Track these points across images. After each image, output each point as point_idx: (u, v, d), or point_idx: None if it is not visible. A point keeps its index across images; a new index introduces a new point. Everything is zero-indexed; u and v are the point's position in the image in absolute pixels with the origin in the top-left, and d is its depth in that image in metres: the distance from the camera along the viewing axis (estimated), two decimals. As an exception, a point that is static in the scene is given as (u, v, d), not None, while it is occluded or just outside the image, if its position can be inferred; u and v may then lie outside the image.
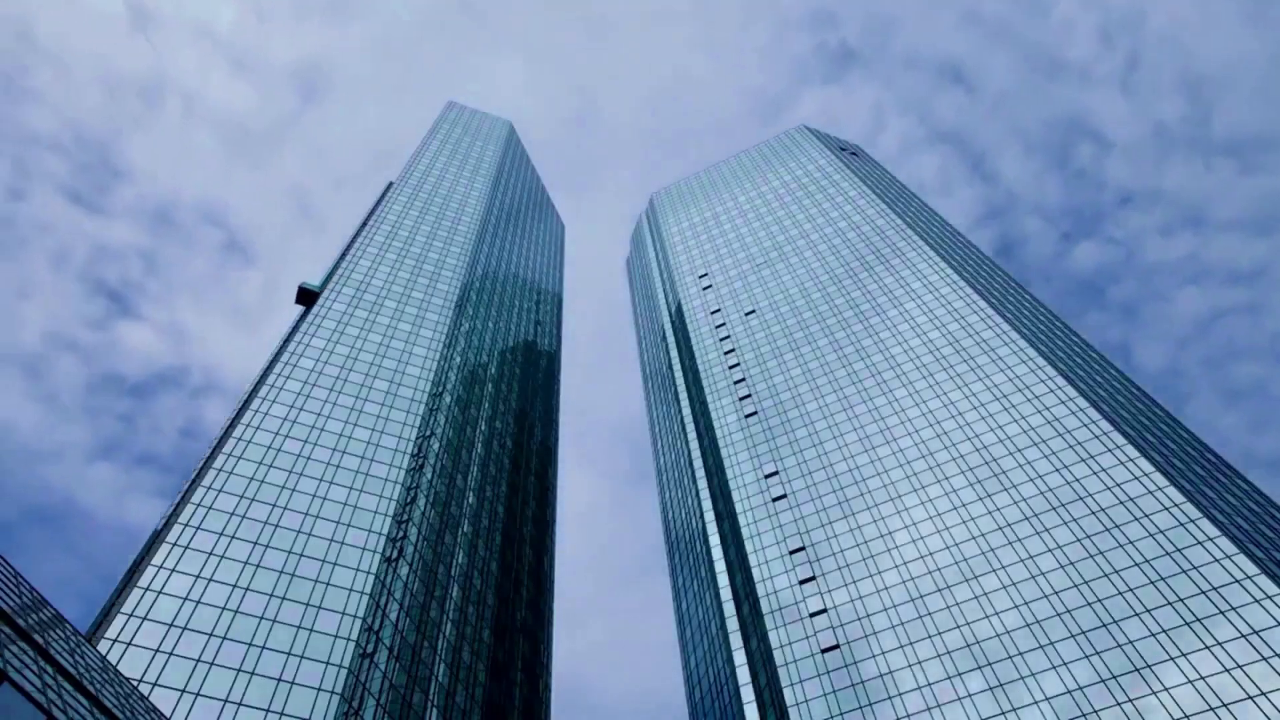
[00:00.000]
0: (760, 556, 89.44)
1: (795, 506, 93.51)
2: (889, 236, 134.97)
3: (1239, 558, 67.08)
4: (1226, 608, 64.24)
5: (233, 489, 74.90)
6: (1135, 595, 68.28)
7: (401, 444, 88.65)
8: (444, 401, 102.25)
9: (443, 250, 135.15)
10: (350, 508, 78.15)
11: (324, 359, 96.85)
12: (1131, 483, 77.38)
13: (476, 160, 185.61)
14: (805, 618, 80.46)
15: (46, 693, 25.24)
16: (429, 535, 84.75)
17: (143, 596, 62.18)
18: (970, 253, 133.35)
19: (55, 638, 31.57)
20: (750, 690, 78.64)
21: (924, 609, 76.02)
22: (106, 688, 33.04)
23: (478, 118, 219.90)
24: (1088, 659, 65.69)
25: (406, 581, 76.42)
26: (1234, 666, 60.46)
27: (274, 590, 67.15)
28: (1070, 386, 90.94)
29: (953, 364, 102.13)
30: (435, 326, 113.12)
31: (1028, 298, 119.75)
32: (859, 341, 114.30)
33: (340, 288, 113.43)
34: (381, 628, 69.41)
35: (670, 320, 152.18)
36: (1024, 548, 76.71)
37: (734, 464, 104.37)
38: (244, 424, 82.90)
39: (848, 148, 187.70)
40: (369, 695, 63.59)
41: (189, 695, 56.69)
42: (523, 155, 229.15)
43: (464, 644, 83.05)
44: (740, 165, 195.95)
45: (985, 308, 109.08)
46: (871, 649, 74.84)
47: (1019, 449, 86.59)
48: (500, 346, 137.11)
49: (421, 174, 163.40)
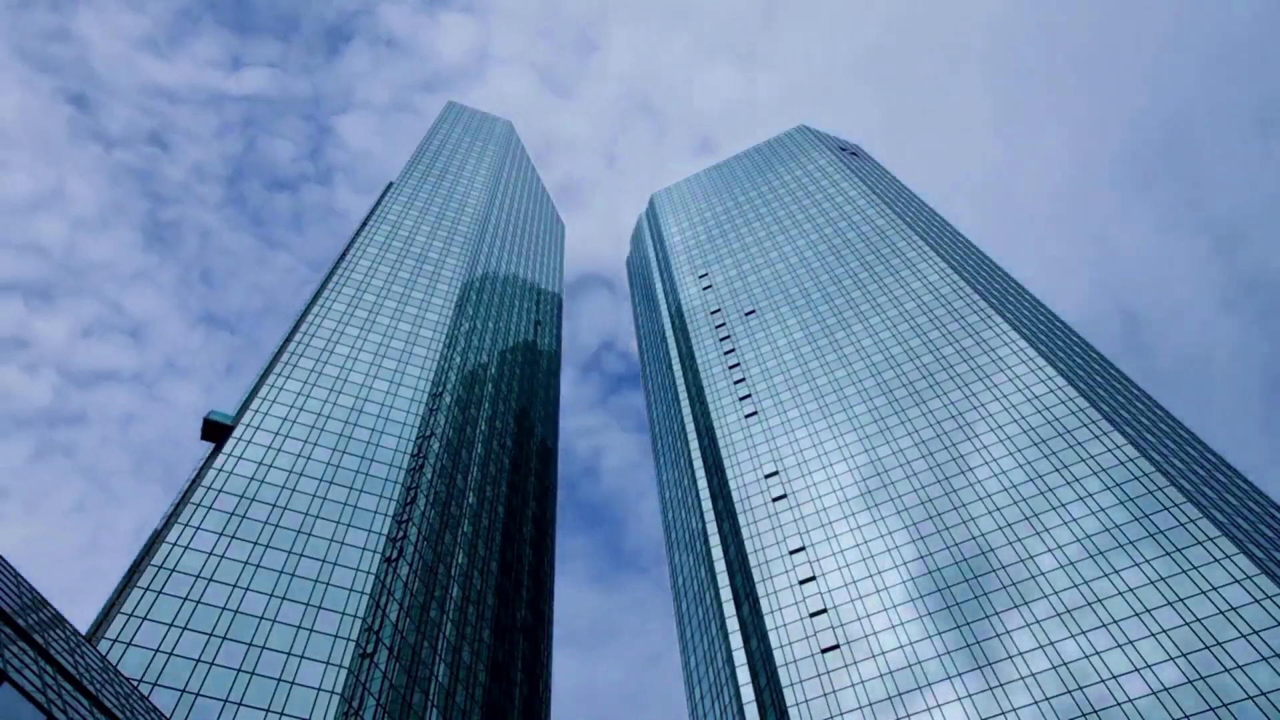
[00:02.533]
0: (760, 556, 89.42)
1: (795, 506, 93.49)
2: (889, 236, 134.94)
3: (1239, 558, 67.08)
4: (1226, 607, 64.24)
5: (233, 489, 74.89)
6: (1135, 595, 68.27)
7: (401, 444, 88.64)
8: (444, 401, 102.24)
9: (443, 250, 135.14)
10: (350, 508, 78.13)
11: (324, 359, 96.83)
12: (1131, 483, 77.36)
13: (476, 160, 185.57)
14: (805, 618, 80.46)
15: (46, 693, 25.23)
16: (429, 535, 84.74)
17: (143, 596, 62.18)
18: (970, 252, 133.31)
19: (55, 638, 31.56)
20: (750, 690, 78.62)
21: (924, 609, 76.02)
22: (106, 688, 33.03)
23: (478, 118, 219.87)
24: (1087, 659, 65.69)
25: (406, 581, 76.41)
26: (1234, 666, 60.46)
27: (274, 590, 67.15)
28: (1070, 386, 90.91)
29: (952, 364, 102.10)
30: (435, 326, 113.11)
31: (1028, 297, 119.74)
32: (858, 341, 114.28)
33: (340, 288, 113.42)
34: (381, 628, 69.40)
35: (670, 320, 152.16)
36: (1024, 548, 76.69)
37: (734, 464, 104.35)
38: (244, 424, 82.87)
39: (847, 147, 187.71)
40: (369, 695, 63.58)
41: (189, 695, 56.69)
42: (523, 155, 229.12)
43: (464, 644, 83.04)
44: (740, 165, 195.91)
45: (985, 308, 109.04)
46: (871, 649, 74.83)
47: (1019, 449, 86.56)
48: (500, 346, 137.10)
49: (421, 174, 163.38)
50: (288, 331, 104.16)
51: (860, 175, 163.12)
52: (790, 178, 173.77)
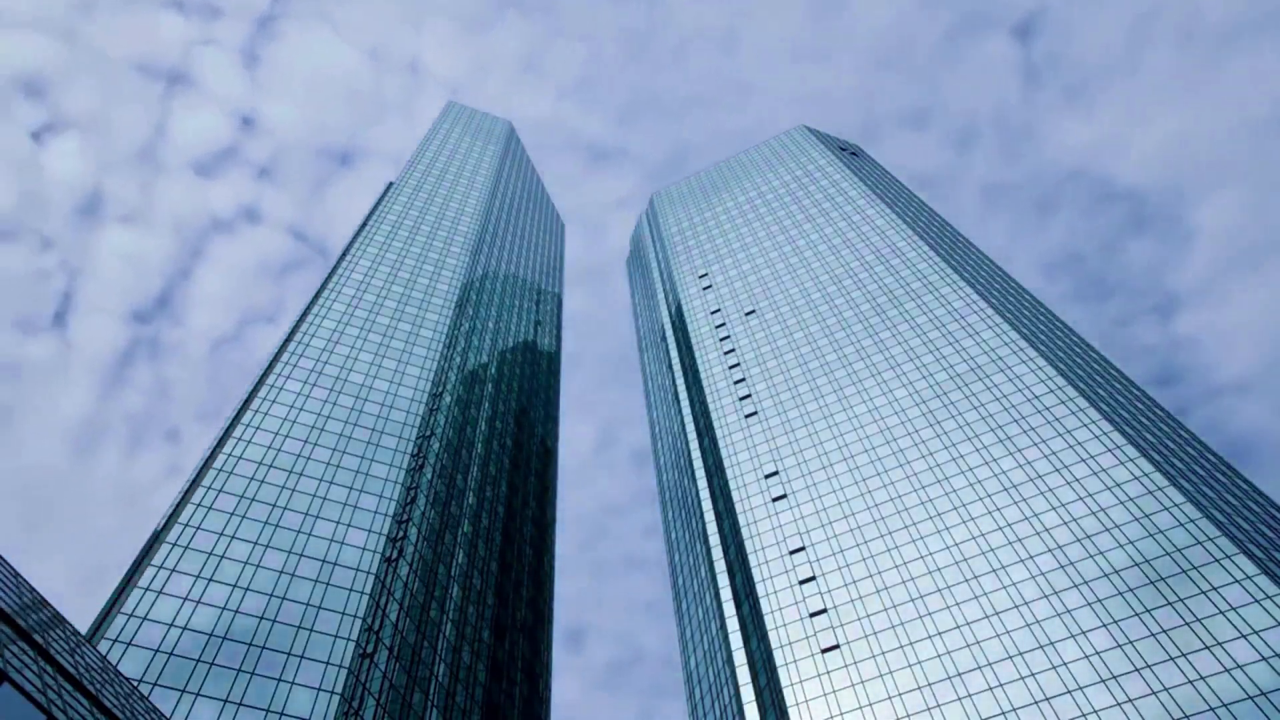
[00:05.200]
0: (760, 556, 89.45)
1: (795, 506, 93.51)
2: (889, 236, 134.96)
3: (1239, 558, 67.09)
4: (1226, 608, 64.24)
5: (233, 489, 74.91)
6: (1135, 595, 68.28)
7: (401, 444, 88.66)
8: (444, 401, 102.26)
9: (443, 250, 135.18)
10: (350, 508, 78.16)
11: (324, 359, 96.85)
12: (1131, 483, 77.38)
13: (477, 160, 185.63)
14: (805, 618, 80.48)
15: (46, 693, 25.24)
16: (429, 535, 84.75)
17: (143, 596, 62.20)
18: (970, 254, 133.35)
19: (55, 638, 31.57)
20: (750, 690, 78.64)
21: (924, 609, 76.03)
22: (106, 688, 33.04)
23: (478, 118, 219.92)
24: (1087, 659, 65.70)
25: (406, 581, 76.43)
26: (1234, 666, 60.46)
27: (274, 590, 67.17)
28: (1070, 386, 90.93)
29: (953, 364, 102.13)
30: (435, 326, 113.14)
31: (1028, 297, 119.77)
32: (859, 341, 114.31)
33: (340, 287, 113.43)
34: (381, 628, 69.42)
35: (670, 320, 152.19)
36: (1024, 547, 76.71)
37: (734, 464, 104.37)
38: (244, 424, 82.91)
39: (847, 148, 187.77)
40: (369, 695, 63.59)
41: (189, 695, 56.71)
42: (523, 155, 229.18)
43: (464, 644, 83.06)
44: (740, 165, 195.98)
45: (985, 308, 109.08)
46: (871, 649, 74.85)
47: (1019, 449, 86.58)
48: (500, 346, 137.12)
49: (421, 174, 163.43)
50: (288, 331, 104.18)
51: (860, 175, 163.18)
52: (790, 178, 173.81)
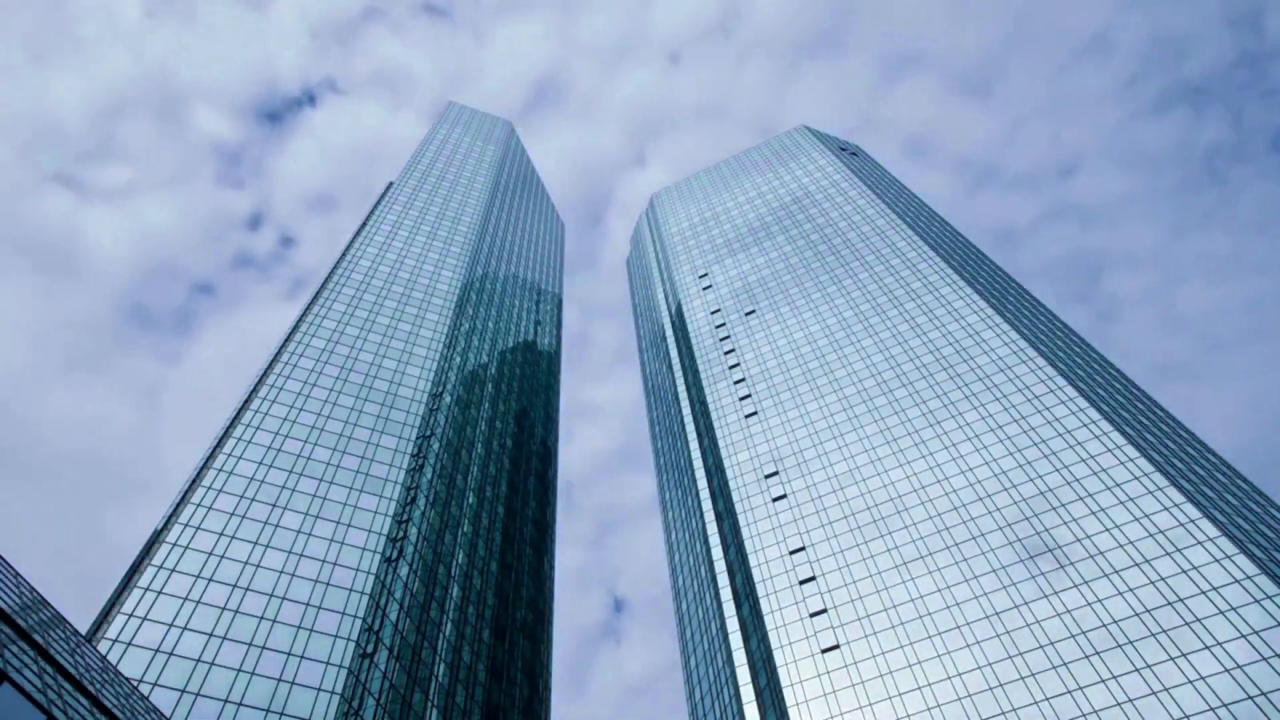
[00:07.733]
0: (760, 557, 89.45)
1: (795, 506, 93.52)
2: (888, 236, 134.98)
3: (1239, 558, 67.09)
4: (1226, 608, 64.25)
5: (233, 489, 74.92)
6: (1135, 595, 68.28)
7: (401, 444, 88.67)
8: (444, 401, 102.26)
9: (443, 250, 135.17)
10: (350, 508, 78.16)
11: (324, 359, 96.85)
12: (1131, 483, 77.39)
13: (477, 160, 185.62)
14: (805, 618, 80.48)
15: (46, 693, 25.25)
16: (429, 535, 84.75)
17: (143, 596, 62.20)
18: (969, 252, 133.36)
19: (55, 638, 31.57)
20: (750, 690, 78.65)
21: (924, 609, 76.03)
22: (106, 688, 33.05)
23: (478, 118, 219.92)
24: (1087, 659, 65.70)
25: (406, 581, 76.43)
26: (1234, 666, 60.46)
27: (274, 590, 67.18)
28: (1070, 386, 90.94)
29: (952, 364, 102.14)
30: (435, 326, 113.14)
31: (1028, 297, 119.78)
32: (858, 341, 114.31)
33: (340, 288, 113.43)
34: (381, 628, 69.43)
35: (670, 320, 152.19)
36: (1024, 547, 76.73)
37: (734, 464, 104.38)
38: (244, 424, 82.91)
39: (847, 148, 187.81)
40: (369, 695, 63.60)
41: (189, 695, 56.71)
42: (523, 155, 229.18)
43: (464, 644, 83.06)
44: (740, 165, 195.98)
45: (985, 307, 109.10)
46: (871, 649, 74.85)
47: (1019, 449, 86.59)
48: (500, 346, 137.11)
49: (421, 174, 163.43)
50: (288, 331, 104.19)
51: (860, 175, 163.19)
52: (790, 177, 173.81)
